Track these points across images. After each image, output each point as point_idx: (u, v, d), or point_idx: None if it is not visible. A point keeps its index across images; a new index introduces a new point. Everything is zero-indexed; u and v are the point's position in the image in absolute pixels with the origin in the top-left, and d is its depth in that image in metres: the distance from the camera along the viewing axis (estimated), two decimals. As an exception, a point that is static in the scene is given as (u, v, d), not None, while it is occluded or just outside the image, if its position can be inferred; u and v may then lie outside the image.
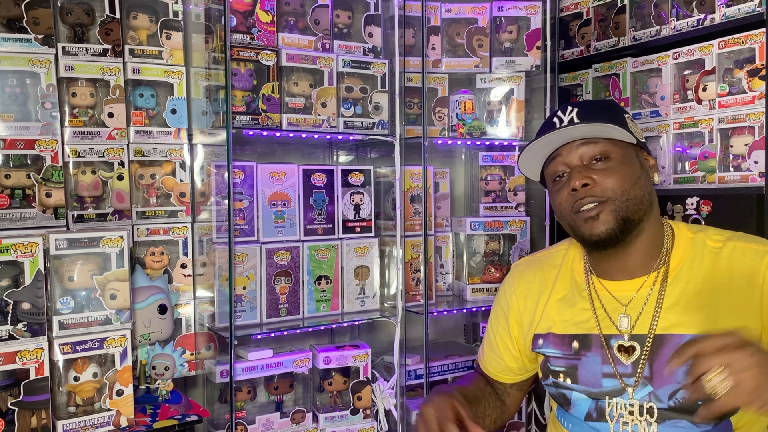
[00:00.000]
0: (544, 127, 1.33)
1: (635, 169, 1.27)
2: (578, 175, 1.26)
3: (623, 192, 1.24)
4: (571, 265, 1.43)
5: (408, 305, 2.22)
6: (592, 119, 1.26)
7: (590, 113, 1.27)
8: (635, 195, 1.25)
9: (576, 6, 2.48)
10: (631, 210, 1.24)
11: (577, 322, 1.36)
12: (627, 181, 1.25)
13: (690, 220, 2.01)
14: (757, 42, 1.87)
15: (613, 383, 1.29)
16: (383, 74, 2.18)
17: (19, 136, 1.78)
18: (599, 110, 1.30)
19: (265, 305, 2.04)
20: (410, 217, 2.30)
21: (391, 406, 2.15)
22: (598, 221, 1.24)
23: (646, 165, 1.32)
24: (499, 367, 1.53)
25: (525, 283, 1.48)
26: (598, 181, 1.25)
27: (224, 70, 1.86)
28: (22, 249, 1.56)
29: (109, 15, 1.90)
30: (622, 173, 1.25)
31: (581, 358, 1.32)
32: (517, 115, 2.42)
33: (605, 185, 1.24)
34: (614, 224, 1.24)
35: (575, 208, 1.27)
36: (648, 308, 1.28)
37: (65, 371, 1.65)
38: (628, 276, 1.32)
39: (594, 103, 1.34)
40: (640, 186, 1.26)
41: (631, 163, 1.28)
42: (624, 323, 1.29)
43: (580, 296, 1.38)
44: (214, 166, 2.02)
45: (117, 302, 1.69)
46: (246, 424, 1.97)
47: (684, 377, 1.19)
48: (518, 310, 1.47)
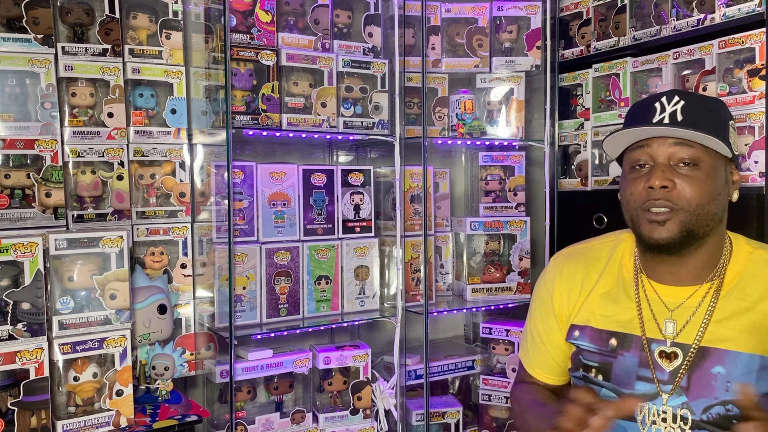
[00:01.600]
0: (642, 111, 1.24)
1: (719, 184, 1.21)
2: (661, 174, 1.19)
3: (699, 206, 1.18)
4: (620, 260, 1.37)
5: (408, 305, 2.22)
6: (695, 123, 1.18)
7: (696, 112, 1.19)
8: (709, 211, 1.19)
9: (576, 6, 2.48)
10: (700, 225, 1.20)
11: (619, 320, 1.31)
12: (707, 195, 1.19)
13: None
14: (757, 42, 1.87)
15: (647, 387, 1.25)
16: (383, 74, 2.18)
17: (18, 136, 1.78)
18: (706, 110, 1.22)
19: (265, 305, 2.04)
20: (410, 217, 2.29)
21: (391, 406, 2.15)
22: (663, 227, 1.20)
23: (730, 180, 1.25)
24: (549, 367, 1.44)
25: (568, 275, 1.41)
26: (679, 186, 1.18)
27: (224, 69, 1.86)
28: (21, 249, 1.56)
29: (108, 15, 1.90)
30: (705, 186, 1.19)
31: (617, 357, 1.29)
32: (517, 115, 2.42)
33: (684, 193, 1.18)
34: (677, 234, 1.19)
35: (646, 206, 1.21)
36: (696, 318, 1.24)
37: (65, 371, 1.65)
38: (679, 283, 1.27)
39: (702, 100, 1.24)
40: (717, 202, 1.21)
41: (717, 176, 1.21)
42: (669, 329, 1.25)
43: (625, 294, 1.33)
44: (214, 166, 2.02)
45: (117, 302, 1.69)
46: (246, 424, 1.97)
47: (722, 394, 1.18)
48: (561, 303, 1.41)
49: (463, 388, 2.50)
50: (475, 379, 2.47)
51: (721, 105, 1.26)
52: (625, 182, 1.27)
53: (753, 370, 1.17)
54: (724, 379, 1.18)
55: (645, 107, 1.24)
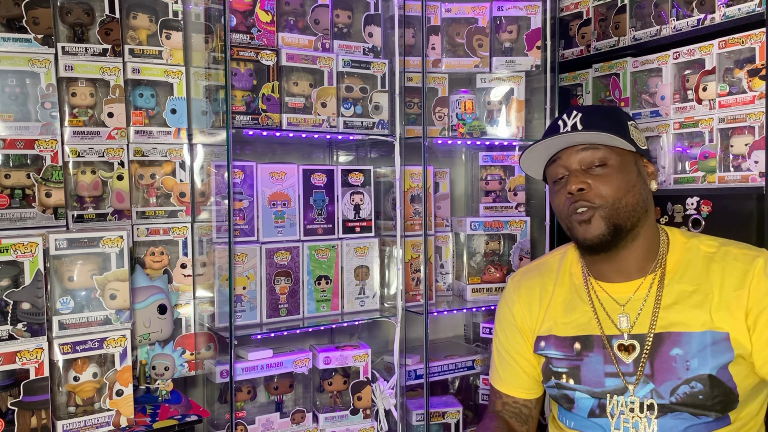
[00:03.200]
0: (549, 130, 1.37)
1: (631, 177, 1.32)
2: (575, 180, 1.30)
3: (616, 199, 1.29)
4: (570, 269, 1.48)
5: (408, 305, 2.22)
6: (595, 127, 1.29)
7: (594, 120, 1.31)
8: (628, 202, 1.30)
9: (576, 6, 2.48)
10: (623, 217, 1.29)
11: (578, 324, 1.39)
12: (621, 188, 1.29)
13: (690, 220, 2.01)
14: (757, 42, 1.87)
15: (616, 382, 1.32)
16: (383, 74, 2.18)
17: (18, 135, 1.78)
18: (603, 117, 1.34)
19: (265, 305, 2.04)
20: (410, 217, 2.29)
21: (391, 406, 2.15)
22: (590, 225, 1.30)
23: (645, 172, 1.36)
24: (522, 382, 1.51)
25: (526, 291, 1.51)
26: (593, 186, 1.29)
27: (224, 69, 1.86)
28: (21, 249, 1.56)
29: (108, 15, 1.90)
30: (617, 180, 1.29)
31: (583, 359, 1.36)
32: (517, 114, 2.42)
33: (599, 191, 1.29)
34: (605, 230, 1.29)
35: (571, 210, 1.32)
36: (647, 308, 1.32)
37: (65, 371, 1.65)
38: (625, 278, 1.36)
39: (599, 109, 1.38)
40: (634, 194, 1.31)
41: (628, 170, 1.32)
42: (624, 323, 1.33)
43: (579, 299, 1.42)
44: (214, 166, 2.02)
45: (117, 302, 1.69)
46: (246, 424, 1.97)
47: (684, 373, 1.25)
48: (522, 317, 1.49)
49: (463, 388, 2.50)
50: (475, 379, 2.47)
51: (617, 110, 1.41)
52: (553, 196, 1.40)
53: (707, 345, 1.24)
54: (683, 359, 1.26)
55: (550, 127, 1.38)
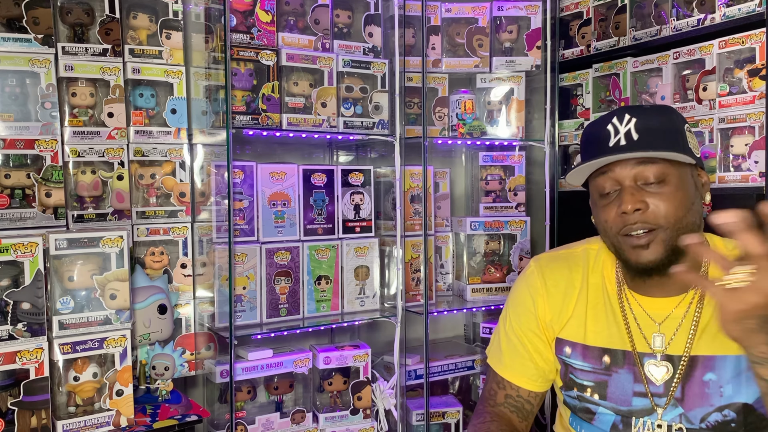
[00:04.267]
0: (597, 137, 1.21)
1: (690, 193, 1.19)
2: (631, 198, 1.16)
3: (677, 220, 1.16)
4: (602, 270, 1.34)
5: (408, 305, 2.22)
6: (652, 137, 1.16)
7: (650, 128, 1.17)
8: (689, 222, 1.17)
9: (576, 6, 2.47)
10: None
11: (608, 336, 1.28)
12: (682, 207, 1.16)
13: (690, 220, 2.01)
14: (757, 42, 1.87)
15: (644, 402, 1.23)
16: (383, 74, 2.18)
17: (19, 135, 1.78)
18: (660, 123, 1.18)
19: (265, 305, 2.04)
20: (410, 217, 2.29)
21: (391, 406, 2.15)
22: (647, 250, 1.16)
23: (699, 184, 1.23)
24: (531, 373, 1.38)
25: (552, 282, 1.36)
26: (651, 206, 1.16)
27: (224, 69, 1.86)
28: (22, 249, 1.56)
29: (108, 15, 1.90)
30: (678, 199, 1.16)
31: (612, 375, 1.26)
32: (517, 114, 2.42)
33: (659, 212, 1.15)
34: (663, 254, 1.16)
35: (623, 232, 1.18)
36: (683, 328, 1.22)
37: (65, 371, 1.65)
38: (664, 294, 1.25)
39: (653, 112, 1.20)
40: (694, 212, 1.19)
41: (687, 186, 1.18)
42: (658, 342, 1.23)
43: (611, 308, 1.29)
44: (214, 166, 2.02)
45: (117, 302, 1.69)
46: (246, 424, 1.97)
47: (717, 400, 1.16)
48: (544, 309, 1.36)
49: (463, 388, 2.50)
50: (475, 379, 2.47)
51: (672, 112, 1.23)
52: (597, 209, 1.25)
53: (742, 370, 1.16)
54: (717, 384, 1.17)
55: (598, 132, 1.21)
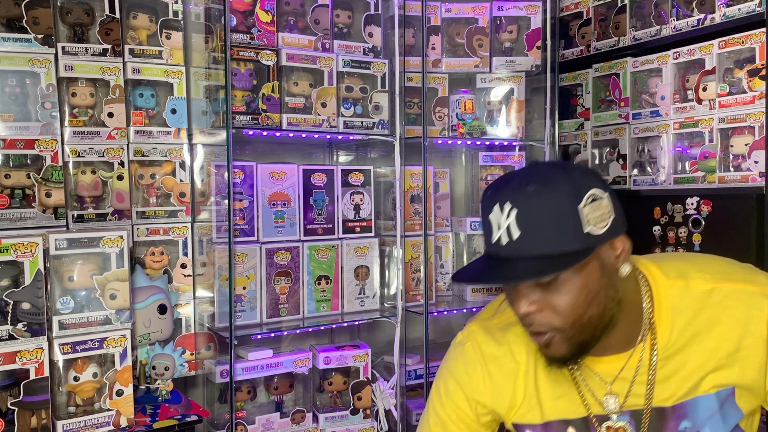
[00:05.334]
0: (483, 220, 1.06)
1: (592, 283, 1.01)
2: (521, 300, 1.03)
3: (575, 319, 1.02)
4: None
5: (408, 305, 2.22)
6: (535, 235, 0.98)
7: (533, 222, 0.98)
8: (591, 317, 1.02)
9: (576, 6, 2.48)
10: (588, 333, 1.04)
11: (566, 405, 1.16)
12: (580, 306, 1.01)
13: (690, 220, 2.01)
14: (757, 42, 1.87)
15: None
16: (383, 74, 2.18)
17: (19, 135, 1.78)
18: (543, 213, 0.98)
19: (265, 305, 2.04)
20: (410, 217, 2.29)
21: (391, 406, 2.15)
22: (549, 349, 1.06)
23: (611, 259, 1.04)
24: None
25: (493, 363, 1.19)
26: (544, 307, 1.02)
27: (224, 69, 1.86)
28: (22, 249, 1.56)
29: (108, 15, 1.90)
30: (575, 297, 1.01)
31: None
32: (517, 114, 2.42)
33: (553, 314, 1.02)
34: (569, 350, 1.05)
35: (525, 327, 1.08)
36: (639, 382, 1.11)
37: (65, 371, 1.65)
38: (611, 352, 1.12)
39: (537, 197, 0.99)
40: (599, 302, 1.02)
41: (586, 278, 1.01)
42: (611, 403, 1.12)
43: (562, 374, 1.16)
44: (214, 166, 2.02)
45: (117, 302, 1.69)
46: (246, 424, 1.97)
47: None
48: (485, 394, 1.20)
49: (463, 388, 2.50)
50: (475, 379, 2.46)
51: (562, 188, 0.99)
52: (505, 292, 1.11)
53: (716, 410, 1.09)
54: (693, 430, 1.09)
55: (485, 219, 1.04)
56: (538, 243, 0.98)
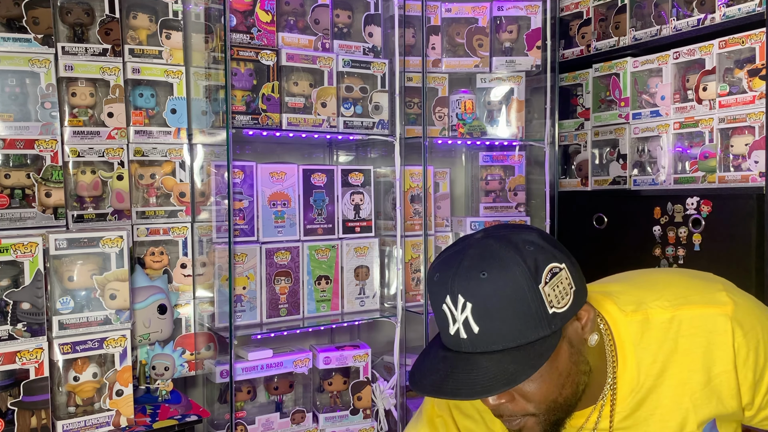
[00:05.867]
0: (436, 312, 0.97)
1: (563, 367, 0.96)
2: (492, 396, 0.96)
3: (549, 404, 0.97)
4: None
5: (408, 305, 2.22)
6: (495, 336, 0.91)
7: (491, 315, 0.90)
8: (566, 397, 0.98)
9: (576, 6, 2.47)
10: (563, 412, 0.99)
11: None
12: (553, 390, 0.96)
13: (690, 220, 2.01)
14: (757, 42, 1.87)
15: None
16: (383, 74, 2.18)
17: (18, 135, 1.78)
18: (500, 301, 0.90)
19: (265, 305, 2.04)
20: (410, 217, 2.29)
21: (391, 406, 2.15)
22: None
23: (578, 332, 0.98)
24: None
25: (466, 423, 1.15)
26: (517, 396, 0.96)
27: (224, 69, 1.86)
28: (21, 249, 1.56)
29: (108, 15, 1.90)
30: (545, 383, 0.95)
31: None
32: (517, 114, 2.42)
33: (526, 402, 0.96)
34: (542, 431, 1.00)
35: (495, 415, 1.02)
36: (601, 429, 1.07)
37: (65, 371, 1.65)
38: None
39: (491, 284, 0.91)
40: (571, 382, 0.98)
41: (557, 361, 0.96)
42: None
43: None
44: (214, 166, 2.02)
45: (117, 302, 1.69)
46: (246, 424, 1.97)
47: None
48: None
49: (463, 388, 2.50)
50: (475, 379, 2.46)
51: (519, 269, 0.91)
52: None
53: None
54: None
55: (436, 307, 0.96)
56: (502, 336, 0.90)
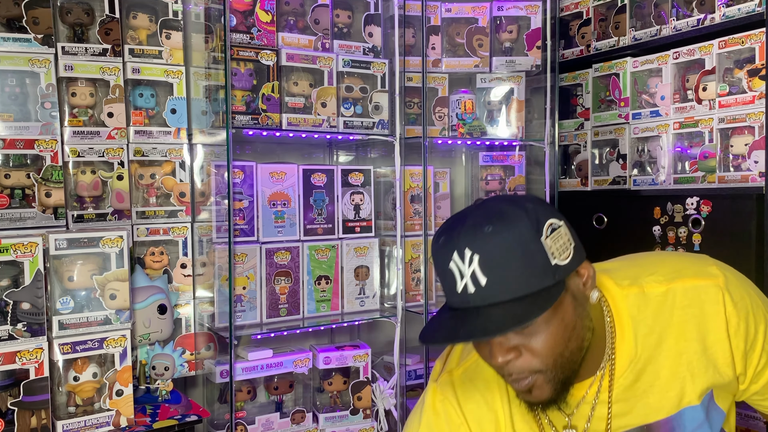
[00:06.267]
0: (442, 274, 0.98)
1: (568, 318, 0.98)
2: (499, 348, 0.97)
3: (556, 358, 0.98)
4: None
5: (408, 305, 2.22)
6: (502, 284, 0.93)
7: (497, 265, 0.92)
8: (572, 350, 0.99)
9: (576, 6, 2.47)
10: (570, 368, 1.01)
11: None
12: (560, 342, 0.97)
13: (690, 220, 2.01)
14: (757, 42, 1.87)
15: None
16: (383, 74, 2.18)
17: (18, 135, 1.78)
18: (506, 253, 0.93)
19: (265, 305, 2.04)
20: (410, 217, 2.29)
21: (391, 406, 2.15)
22: (531, 394, 1.01)
23: (580, 287, 1.00)
24: None
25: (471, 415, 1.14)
26: (524, 351, 0.98)
27: (224, 69, 1.86)
28: (21, 249, 1.56)
29: (108, 15, 1.90)
30: (552, 336, 0.97)
31: None
32: (517, 114, 2.42)
33: (533, 357, 0.97)
34: (552, 392, 1.01)
35: (504, 378, 1.04)
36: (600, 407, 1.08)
37: (65, 371, 1.65)
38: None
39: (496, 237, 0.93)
40: (576, 336, 0.99)
41: (562, 313, 0.97)
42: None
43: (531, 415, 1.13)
44: (214, 166, 2.02)
45: (117, 302, 1.69)
46: (246, 424, 1.97)
47: None
48: None
49: (463, 388, 2.50)
50: (475, 379, 2.46)
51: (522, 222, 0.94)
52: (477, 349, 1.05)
53: (702, 419, 1.07)
54: None
55: (443, 270, 0.98)
56: (508, 286, 0.93)
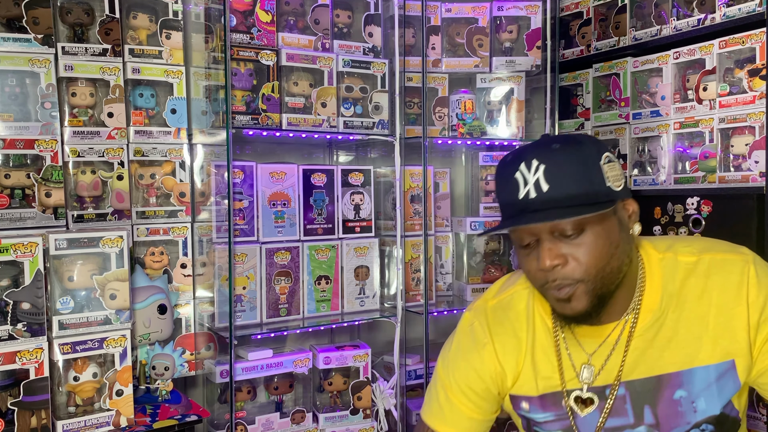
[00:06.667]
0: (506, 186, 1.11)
1: (613, 237, 1.10)
2: (548, 253, 1.08)
3: (598, 271, 1.08)
4: (541, 310, 1.26)
5: (408, 305, 2.22)
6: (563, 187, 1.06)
7: (561, 175, 1.06)
8: (612, 268, 1.10)
9: (576, 6, 2.47)
10: (608, 285, 1.11)
11: (559, 376, 1.22)
12: (604, 255, 1.08)
13: (690, 220, 2.01)
14: (757, 42, 1.86)
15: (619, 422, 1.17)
16: (383, 74, 2.18)
17: (18, 135, 1.78)
18: (570, 166, 1.07)
19: (265, 305, 2.04)
20: (410, 217, 2.29)
21: (391, 406, 2.15)
22: (570, 304, 1.11)
23: (625, 217, 1.14)
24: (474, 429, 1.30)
25: (498, 337, 1.26)
26: (570, 260, 1.08)
27: (224, 69, 1.86)
28: (21, 249, 1.56)
29: (108, 15, 1.90)
30: (598, 249, 1.08)
31: (576, 415, 1.20)
32: (517, 114, 2.42)
33: (578, 266, 1.08)
34: (588, 304, 1.11)
35: (546, 287, 1.13)
36: (618, 351, 1.17)
37: (65, 371, 1.65)
38: (598, 322, 1.17)
39: (563, 153, 1.08)
40: (618, 255, 1.11)
41: (609, 230, 1.09)
42: (585, 375, 1.19)
43: (551, 345, 1.23)
44: (214, 166, 2.02)
45: (117, 302, 1.69)
46: (246, 424, 1.97)
47: (692, 416, 1.13)
48: (493, 367, 1.25)
49: (463, 388, 2.50)
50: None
51: (585, 146, 1.10)
52: (520, 258, 1.17)
53: (712, 380, 1.13)
54: (689, 401, 1.13)
55: (507, 179, 1.11)
56: (567, 192, 1.06)
